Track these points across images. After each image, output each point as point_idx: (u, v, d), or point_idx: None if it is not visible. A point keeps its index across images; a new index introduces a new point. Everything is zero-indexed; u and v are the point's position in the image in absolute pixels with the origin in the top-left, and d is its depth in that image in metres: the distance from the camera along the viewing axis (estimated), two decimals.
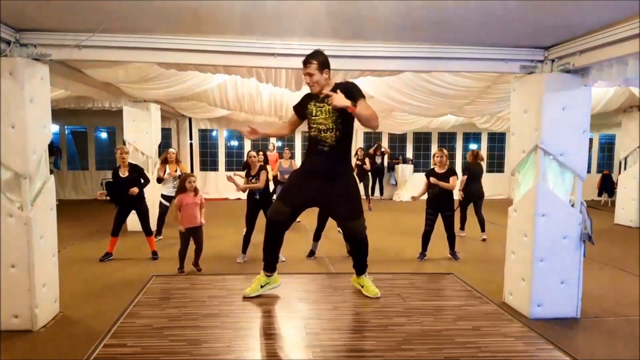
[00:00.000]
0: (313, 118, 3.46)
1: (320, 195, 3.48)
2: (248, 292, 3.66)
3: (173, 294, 3.79)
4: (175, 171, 7.19)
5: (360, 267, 3.81)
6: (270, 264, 3.69)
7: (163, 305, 3.50)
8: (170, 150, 7.42)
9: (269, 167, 7.36)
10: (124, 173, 6.22)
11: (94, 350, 2.78)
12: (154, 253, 6.32)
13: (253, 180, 6.03)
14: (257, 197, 6.01)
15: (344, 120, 3.40)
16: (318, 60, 3.35)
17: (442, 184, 6.20)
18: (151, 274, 4.47)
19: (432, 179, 6.29)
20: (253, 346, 2.92)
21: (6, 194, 3.73)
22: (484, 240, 7.77)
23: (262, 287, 3.69)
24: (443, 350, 2.84)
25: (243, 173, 6.36)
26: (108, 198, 6.15)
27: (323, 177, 3.45)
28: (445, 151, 6.58)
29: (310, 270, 5.74)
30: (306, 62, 3.37)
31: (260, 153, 7.57)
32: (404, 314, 3.38)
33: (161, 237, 7.44)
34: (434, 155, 6.55)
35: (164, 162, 7.26)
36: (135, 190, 6.07)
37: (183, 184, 5.52)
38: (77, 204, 11.60)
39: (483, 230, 7.87)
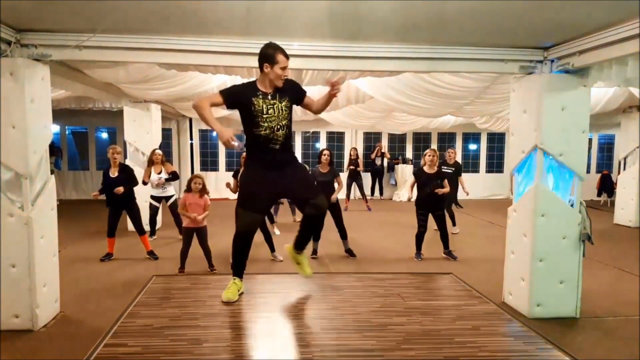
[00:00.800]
0: (264, 116, 3.30)
1: (278, 187, 3.46)
2: (231, 298, 3.55)
3: (173, 293, 3.79)
4: (160, 172, 7.13)
5: (304, 244, 3.76)
6: (242, 269, 3.69)
7: (163, 305, 3.50)
8: (156, 151, 7.29)
9: None
10: (113, 173, 6.21)
11: (94, 349, 2.79)
12: (151, 253, 6.32)
13: None
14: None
15: (291, 116, 3.43)
16: (263, 55, 3.33)
17: (443, 191, 6.25)
18: (151, 274, 4.48)
19: (438, 191, 6.25)
20: (253, 346, 2.92)
21: (7, 194, 3.74)
22: (454, 234, 7.93)
23: (239, 293, 3.66)
24: (443, 350, 2.84)
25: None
26: (103, 197, 6.14)
27: (275, 171, 3.42)
28: (437, 152, 6.60)
29: None
30: (287, 54, 3.33)
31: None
32: (403, 314, 3.39)
33: (155, 237, 7.44)
34: (425, 154, 6.51)
35: (150, 163, 7.20)
36: (119, 189, 5.99)
37: (190, 184, 5.56)
38: (77, 204, 11.60)
39: (454, 224, 8.13)
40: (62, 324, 4.03)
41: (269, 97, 3.35)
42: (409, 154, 14.05)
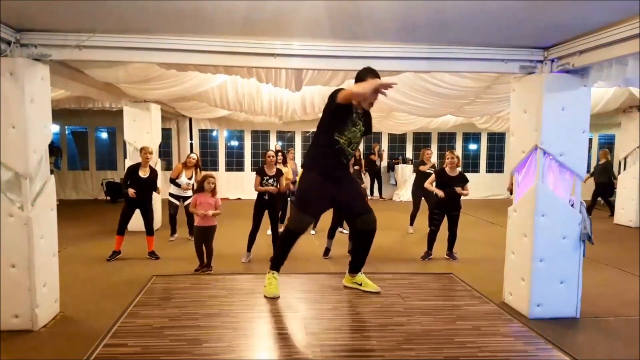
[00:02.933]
0: (353, 128, 3.48)
1: (336, 198, 3.60)
2: (276, 292, 3.63)
3: (173, 293, 3.79)
4: (191, 177, 7.24)
5: (361, 264, 3.84)
6: (281, 265, 3.79)
7: (163, 305, 3.50)
8: (192, 155, 7.45)
9: (284, 169, 7.20)
10: (145, 173, 6.32)
11: (94, 350, 2.79)
12: (152, 253, 6.33)
13: (270, 182, 6.00)
14: (266, 197, 5.99)
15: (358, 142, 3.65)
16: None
17: (463, 192, 6.26)
18: (151, 274, 4.47)
19: (459, 190, 6.25)
20: (253, 346, 2.92)
21: (7, 194, 3.73)
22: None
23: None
24: (443, 350, 2.84)
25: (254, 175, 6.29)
26: (134, 195, 6.15)
27: (338, 183, 3.56)
28: (456, 153, 6.58)
29: (310, 270, 5.74)
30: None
31: (279, 153, 7.39)
32: (404, 314, 3.39)
33: (176, 235, 7.47)
34: (445, 157, 6.51)
35: (184, 165, 7.33)
36: (159, 191, 6.37)
37: (202, 183, 5.59)
38: (77, 204, 11.59)
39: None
40: (61, 324, 4.03)
41: (359, 116, 3.52)
42: (409, 154, 14.06)
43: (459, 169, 6.57)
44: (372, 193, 13.35)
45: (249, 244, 6.12)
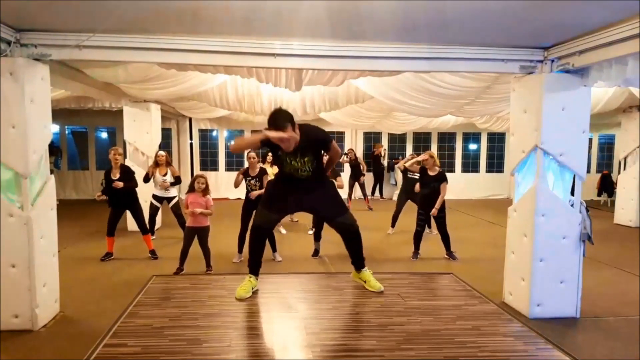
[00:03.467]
0: (287, 163, 3.41)
1: (303, 204, 3.61)
2: (242, 295, 3.58)
3: (173, 293, 3.79)
4: (165, 174, 7.16)
5: (359, 261, 3.83)
6: (258, 267, 3.73)
7: (163, 305, 3.50)
8: (159, 152, 7.33)
9: (270, 170, 7.29)
10: (115, 175, 6.22)
11: (94, 350, 2.78)
12: (153, 252, 6.33)
13: (252, 182, 6.02)
14: (253, 198, 6.02)
15: (317, 159, 3.47)
16: (290, 120, 3.16)
17: (439, 202, 6.27)
18: (151, 274, 4.47)
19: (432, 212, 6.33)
20: (253, 346, 2.92)
21: (7, 194, 3.73)
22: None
23: (253, 290, 3.68)
24: (443, 350, 2.84)
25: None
26: (106, 198, 6.17)
27: (303, 192, 3.54)
28: (433, 152, 6.64)
29: (310, 270, 5.75)
30: (280, 126, 3.11)
31: (269, 155, 7.44)
32: (404, 314, 3.38)
33: (154, 237, 7.44)
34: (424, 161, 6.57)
35: (155, 165, 7.25)
36: (118, 184, 6.02)
37: (193, 184, 5.57)
38: (77, 204, 11.59)
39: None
40: (61, 324, 4.03)
41: (291, 155, 3.36)
42: (409, 154, 14.05)
43: (438, 168, 6.59)
44: (373, 193, 13.35)
45: (239, 246, 6.13)
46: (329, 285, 4.04)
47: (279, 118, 3.16)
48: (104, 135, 13.76)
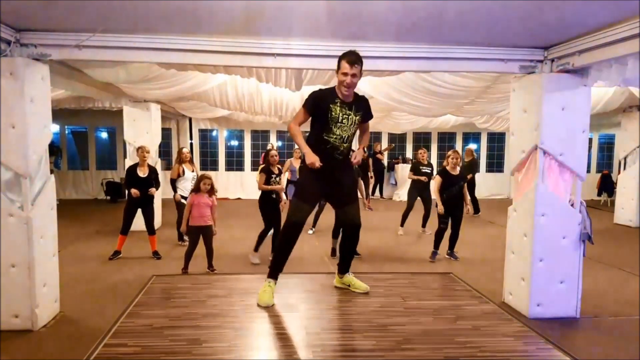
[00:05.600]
0: (338, 124, 3.40)
1: (332, 190, 3.63)
2: (268, 302, 3.52)
3: (173, 293, 3.79)
4: (192, 171, 7.13)
5: (347, 264, 3.85)
6: (280, 271, 3.69)
7: (163, 305, 3.50)
8: (184, 149, 7.28)
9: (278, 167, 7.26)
10: (144, 172, 6.32)
11: (94, 349, 2.79)
12: (156, 253, 6.33)
13: (277, 180, 6.02)
14: (275, 196, 5.97)
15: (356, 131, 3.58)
16: (362, 63, 3.33)
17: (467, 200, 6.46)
18: (151, 274, 4.48)
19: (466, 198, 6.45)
20: (253, 346, 2.92)
21: (7, 194, 3.73)
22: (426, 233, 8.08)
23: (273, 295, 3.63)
24: (443, 350, 2.84)
25: (256, 174, 6.27)
26: (138, 194, 6.18)
27: (335, 178, 3.56)
28: (459, 152, 6.56)
29: (310, 270, 5.75)
30: (354, 61, 3.30)
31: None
32: (404, 314, 3.39)
33: (186, 238, 7.40)
34: (448, 156, 6.48)
35: (179, 162, 7.14)
36: (154, 191, 6.28)
37: (198, 184, 5.57)
38: (77, 204, 11.59)
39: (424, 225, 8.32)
40: (61, 324, 4.03)
41: (346, 106, 3.40)
42: (409, 153, 14.06)
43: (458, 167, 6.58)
44: (373, 193, 13.36)
45: (258, 244, 6.03)
46: (329, 285, 4.04)
47: (355, 54, 3.35)
48: (104, 135, 13.76)
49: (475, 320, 3.31)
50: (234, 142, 13.76)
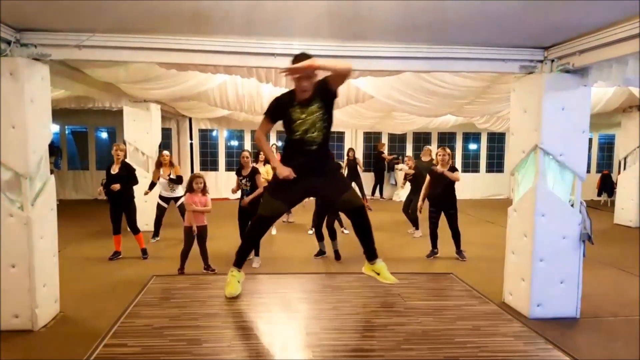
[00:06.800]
0: (297, 122, 3.31)
1: (312, 188, 3.50)
2: (233, 292, 3.55)
3: (173, 293, 3.79)
4: (169, 175, 7.15)
5: (371, 249, 3.65)
6: (244, 260, 3.72)
7: (163, 305, 3.50)
8: (164, 152, 7.37)
9: (262, 169, 7.26)
10: (114, 170, 6.25)
11: (94, 350, 2.78)
12: (144, 251, 6.33)
13: (244, 182, 5.97)
14: (245, 204, 5.91)
15: (328, 113, 3.32)
16: (308, 57, 3.11)
17: (448, 173, 6.27)
18: (151, 273, 4.47)
19: (438, 168, 6.36)
20: (253, 346, 2.92)
21: (7, 194, 3.73)
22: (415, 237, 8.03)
23: (239, 283, 3.64)
24: (443, 350, 2.84)
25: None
26: (104, 195, 6.18)
27: (314, 174, 3.40)
28: (448, 150, 6.58)
29: (310, 270, 5.75)
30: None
31: (261, 154, 7.42)
32: (404, 314, 3.38)
33: (158, 238, 7.44)
34: (436, 154, 6.53)
35: (158, 165, 7.23)
36: (116, 186, 6.04)
37: (191, 184, 5.56)
38: (77, 204, 11.59)
39: (417, 228, 8.23)
40: (61, 324, 4.03)
41: (305, 105, 3.28)
42: (409, 153, 14.05)
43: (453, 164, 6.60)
44: (373, 193, 13.35)
45: (256, 249, 5.98)
46: (329, 285, 4.04)
47: (302, 56, 3.09)
48: (104, 135, 13.76)
49: (475, 321, 3.30)
50: (234, 142, 13.76)
